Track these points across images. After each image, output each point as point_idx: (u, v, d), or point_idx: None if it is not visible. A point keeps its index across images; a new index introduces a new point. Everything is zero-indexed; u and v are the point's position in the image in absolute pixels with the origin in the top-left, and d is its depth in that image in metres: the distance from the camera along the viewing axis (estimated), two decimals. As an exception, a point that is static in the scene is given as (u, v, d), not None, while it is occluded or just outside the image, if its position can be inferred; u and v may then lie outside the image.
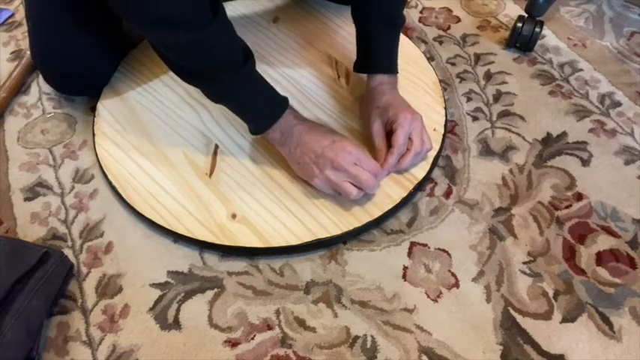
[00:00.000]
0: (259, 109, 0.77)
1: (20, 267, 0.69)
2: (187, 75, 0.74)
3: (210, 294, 0.73)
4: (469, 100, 0.98)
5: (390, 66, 0.86)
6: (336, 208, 0.77)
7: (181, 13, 0.65)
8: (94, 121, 0.90)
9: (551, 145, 0.90)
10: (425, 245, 0.77)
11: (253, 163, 0.83)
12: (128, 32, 0.99)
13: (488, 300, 0.72)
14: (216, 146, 0.86)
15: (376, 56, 0.86)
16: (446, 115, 0.90)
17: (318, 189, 0.77)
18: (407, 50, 1.00)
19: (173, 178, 0.82)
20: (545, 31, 1.11)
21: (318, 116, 0.88)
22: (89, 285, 0.74)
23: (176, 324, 0.70)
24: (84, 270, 0.75)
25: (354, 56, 0.89)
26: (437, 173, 0.86)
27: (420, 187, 0.82)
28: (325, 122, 0.86)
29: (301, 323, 0.70)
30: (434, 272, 0.74)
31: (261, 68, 0.96)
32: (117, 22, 0.95)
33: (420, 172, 0.82)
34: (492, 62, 1.05)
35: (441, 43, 1.09)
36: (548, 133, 0.92)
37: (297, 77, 0.96)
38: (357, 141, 0.85)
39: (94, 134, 0.88)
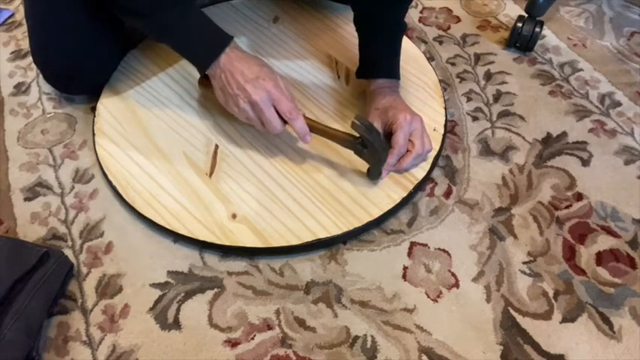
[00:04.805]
0: (200, 46, 0.77)
1: (20, 267, 0.69)
2: (125, 12, 0.76)
3: (210, 294, 0.72)
4: (469, 100, 0.98)
5: (391, 71, 0.86)
6: (336, 208, 0.78)
7: None
8: (94, 121, 0.90)
9: (551, 145, 0.90)
10: (425, 245, 0.77)
11: (253, 163, 0.83)
12: (128, 32, 0.99)
13: (488, 300, 0.72)
14: (217, 146, 0.86)
15: (378, 64, 0.86)
16: (446, 115, 0.90)
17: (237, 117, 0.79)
18: (407, 50, 1.00)
19: (173, 177, 0.82)
20: (545, 31, 1.11)
21: (318, 116, 0.88)
22: (89, 285, 0.74)
23: (176, 324, 0.70)
24: (84, 270, 0.75)
25: (354, 56, 0.89)
26: (437, 173, 0.86)
27: (420, 187, 0.82)
28: (325, 122, 0.86)
29: (301, 323, 0.70)
30: (434, 272, 0.74)
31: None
32: (117, 21, 0.94)
33: (420, 172, 0.82)
34: (492, 62, 1.05)
35: (441, 43, 1.09)
36: (548, 133, 0.92)
37: (297, 77, 0.96)
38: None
39: (94, 134, 0.88)
